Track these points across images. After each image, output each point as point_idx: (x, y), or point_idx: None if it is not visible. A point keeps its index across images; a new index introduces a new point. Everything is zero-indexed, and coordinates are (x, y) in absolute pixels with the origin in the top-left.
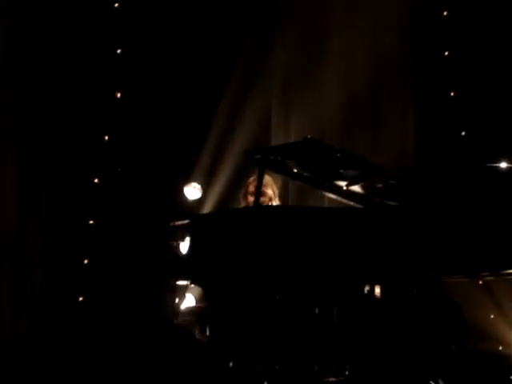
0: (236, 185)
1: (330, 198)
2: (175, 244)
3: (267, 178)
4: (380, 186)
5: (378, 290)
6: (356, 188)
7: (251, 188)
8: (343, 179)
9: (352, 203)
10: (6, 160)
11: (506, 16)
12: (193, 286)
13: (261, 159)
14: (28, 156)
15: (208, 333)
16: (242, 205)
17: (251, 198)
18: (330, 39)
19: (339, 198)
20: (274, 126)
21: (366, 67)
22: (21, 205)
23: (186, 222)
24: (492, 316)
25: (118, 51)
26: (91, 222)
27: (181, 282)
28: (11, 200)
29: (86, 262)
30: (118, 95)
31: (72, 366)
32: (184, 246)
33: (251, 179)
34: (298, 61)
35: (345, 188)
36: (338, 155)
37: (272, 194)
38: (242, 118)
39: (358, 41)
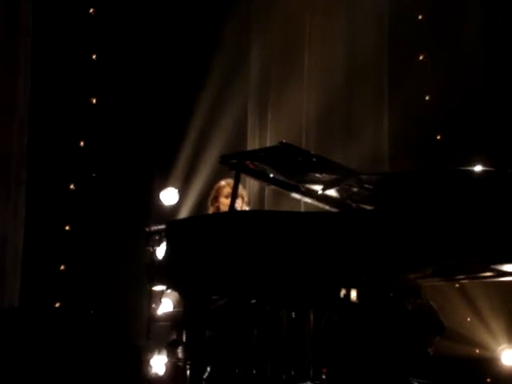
0: (212, 190)
1: (306, 203)
2: (151, 249)
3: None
4: (355, 190)
5: (354, 293)
6: (331, 192)
7: (227, 190)
8: (319, 183)
9: (328, 207)
10: None
11: (479, 19)
12: (169, 291)
13: (237, 164)
14: (4, 162)
15: (184, 339)
16: (211, 210)
17: (227, 201)
18: (306, 43)
19: (315, 203)
20: (250, 131)
21: (342, 71)
22: None
23: (162, 227)
24: (469, 319)
25: (94, 57)
26: (67, 227)
27: (157, 288)
28: None
29: (62, 267)
30: (94, 101)
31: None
32: (160, 252)
33: (222, 184)
34: (273, 66)
35: (320, 192)
36: (314, 160)
37: (247, 198)
38: (218, 123)
39: (333, 44)
